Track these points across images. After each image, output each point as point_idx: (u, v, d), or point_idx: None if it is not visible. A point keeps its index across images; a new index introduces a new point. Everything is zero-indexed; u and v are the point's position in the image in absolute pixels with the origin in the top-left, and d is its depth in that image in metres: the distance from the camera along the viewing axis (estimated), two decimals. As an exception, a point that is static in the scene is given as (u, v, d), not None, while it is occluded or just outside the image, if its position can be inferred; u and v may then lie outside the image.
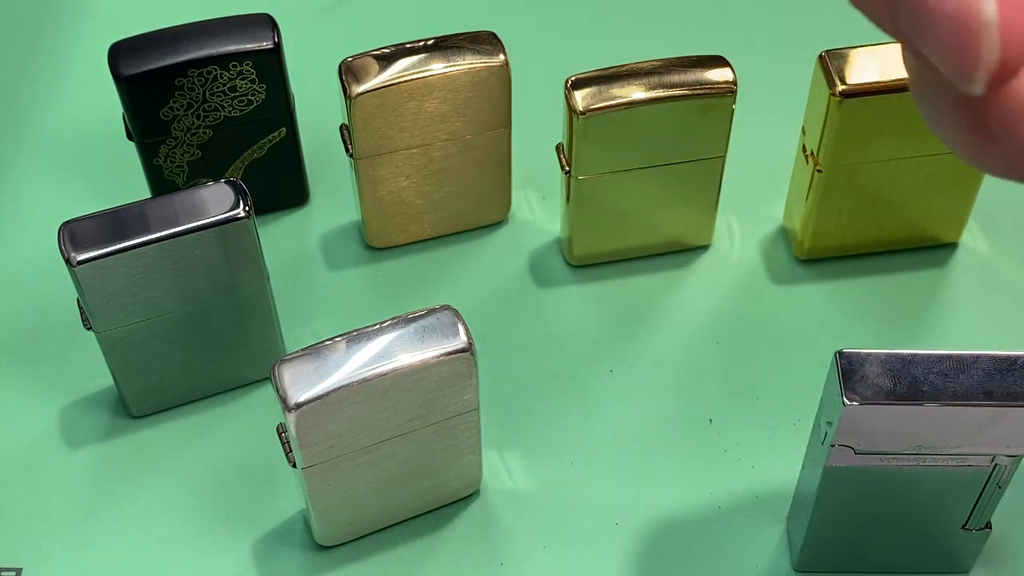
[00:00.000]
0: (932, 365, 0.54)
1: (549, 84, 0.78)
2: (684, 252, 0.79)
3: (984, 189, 0.76)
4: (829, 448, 0.56)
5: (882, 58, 0.70)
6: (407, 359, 0.58)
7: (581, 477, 0.69)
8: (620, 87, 0.70)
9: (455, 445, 0.64)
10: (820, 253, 0.78)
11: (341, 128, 0.74)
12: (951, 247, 0.79)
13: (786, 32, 0.94)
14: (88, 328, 0.66)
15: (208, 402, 0.72)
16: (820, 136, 0.72)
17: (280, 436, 0.60)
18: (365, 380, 0.58)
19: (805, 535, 0.62)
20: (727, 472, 0.69)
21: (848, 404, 0.54)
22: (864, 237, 0.77)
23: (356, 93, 0.71)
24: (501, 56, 0.72)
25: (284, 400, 0.58)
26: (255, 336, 0.71)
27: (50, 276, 0.76)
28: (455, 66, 0.71)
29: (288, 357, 0.59)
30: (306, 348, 0.59)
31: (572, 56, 0.88)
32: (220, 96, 0.74)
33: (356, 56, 0.72)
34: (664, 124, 0.71)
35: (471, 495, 0.68)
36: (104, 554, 0.66)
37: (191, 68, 0.72)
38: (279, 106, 0.76)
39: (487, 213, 0.81)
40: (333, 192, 0.83)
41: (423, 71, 0.71)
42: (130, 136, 0.75)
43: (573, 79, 0.71)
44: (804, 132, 0.74)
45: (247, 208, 0.65)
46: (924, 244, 0.79)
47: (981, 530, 0.61)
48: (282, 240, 0.80)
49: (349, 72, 0.71)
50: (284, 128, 0.77)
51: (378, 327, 0.60)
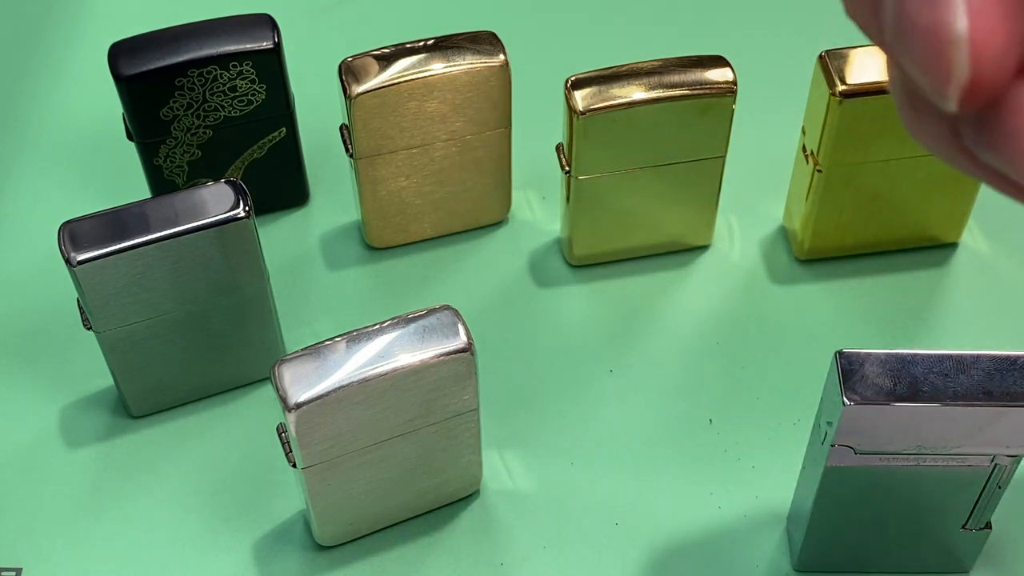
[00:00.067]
0: (932, 365, 0.54)
1: (549, 84, 0.78)
2: (684, 252, 0.79)
3: (984, 189, 0.76)
4: (829, 448, 0.56)
5: (882, 58, 0.70)
6: (407, 359, 0.58)
7: (581, 477, 0.69)
8: (620, 87, 0.70)
9: (455, 445, 0.64)
10: (820, 253, 0.78)
11: (341, 128, 0.74)
12: (951, 247, 0.79)
13: (786, 32, 0.93)
14: (88, 328, 0.66)
15: (208, 402, 0.72)
16: (820, 136, 0.71)
17: (280, 436, 0.60)
18: (365, 380, 0.58)
19: (805, 535, 0.62)
20: (727, 472, 0.69)
21: (848, 404, 0.54)
22: (864, 237, 0.77)
23: (356, 93, 0.71)
24: (501, 56, 0.72)
25: (284, 400, 0.58)
26: (255, 336, 0.71)
27: (50, 276, 0.76)
28: (455, 66, 0.71)
29: (288, 357, 0.59)
30: (306, 348, 0.59)
31: (572, 56, 0.88)
32: (220, 96, 0.74)
33: (356, 56, 0.72)
34: (664, 124, 0.71)
35: (471, 495, 0.68)
36: (104, 554, 0.66)
37: (191, 68, 0.72)
38: (279, 106, 0.76)
39: (487, 213, 0.80)
40: (333, 192, 0.83)
41: (423, 71, 0.71)
42: (130, 136, 0.75)
43: (573, 79, 0.71)
44: (804, 132, 0.74)
45: (247, 208, 0.65)
46: (924, 244, 0.79)
47: (981, 530, 0.61)
48: (282, 240, 0.80)
49: (349, 72, 0.71)
50: (284, 128, 0.77)
51: (378, 327, 0.60)
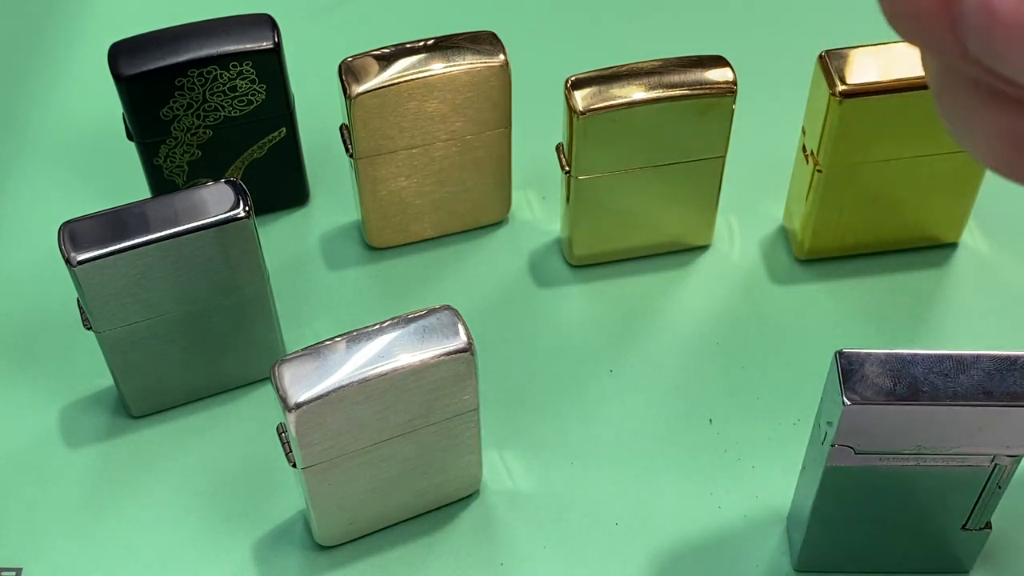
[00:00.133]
0: (932, 365, 0.54)
1: (549, 84, 0.78)
2: (684, 252, 0.79)
3: (984, 189, 0.76)
4: (829, 448, 0.56)
5: (882, 58, 0.70)
6: (407, 359, 0.58)
7: (581, 477, 0.69)
8: (620, 87, 0.70)
9: (455, 445, 0.64)
10: (820, 253, 0.78)
11: (341, 128, 0.74)
12: (951, 247, 0.79)
13: (786, 32, 0.93)
14: (88, 328, 0.66)
15: (208, 402, 0.72)
16: (820, 136, 0.71)
17: (280, 436, 0.60)
18: (365, 380, 0.58)
19: (805, 535, 0.62)
20: (727, 472, 0.69)
21: (848, 404, 0.54)
22: (864, 237, 0.77)
23: (356, 93, 0.71)
24: (501, 56, 0.72)
25: (284, 400, 0.58)
26: (255, 336, 0.71)
27: (50, 276, 0.76)
28: (455, 66, 0.71)
29: (288, 357, 0.59)
30: (306, 348, 0.59)
31: (572, 56, 0.88)
32: (220, 96, 0.74)
33: (356, 56, 0.72)
34: (664, 124, 0.71)
35: (471, 495, 0.68)
36: (104, 554, 0.66)
37: (191, 68, 0.72)
38: (279, 106, 0.76)
39: (487, 213, 0.80)
40: (333, 192, 0.83)
41: (423, 71, 0.71)
42: (130, 136, 0.75)
43: (573, 79, 0.71)
44: (804, 132, 0.74)
45: (247, 208, 0.65)
46: (924, 244, 0.79)
47: (981, 530, 0.61)
48: (282, 240, 0.80)
49: (349, 72, 0.71)
50: (284, 128, 0.77)
51: (378, 327, 0.60)
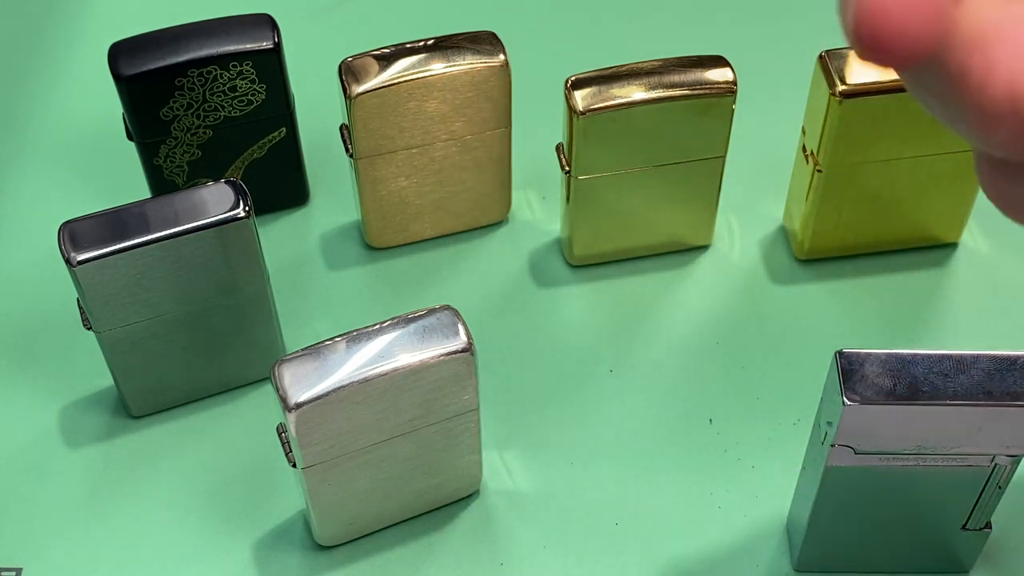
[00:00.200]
0: (932, 365, 0.54)
1: (549, 84, 0.78)
2: (684, 252, 0.79)
3: (984, 189, 0.76)
4: (829, 448, 0.56)
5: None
6: (407, 359, 0.58)
7: (581, 477, 0.69)
8: (620, 87, 0.70)
9: (455, 445, 0.64)
10: (820, 253, 0.78)
11: (341, 128, 0.74)
12: (951, 247, 0.79)
13: (786, 32, 0.93)
14: (88, 328, 0.66)
15: (208, 402, 0.72)
16: (820, 136, 0.71)
17: (280, 436, 0.60)
18: (365, 380, 0.58)
19: (805, 535, 0.62)
20: (727, 472, 0.69)
21: (848, 404, 0.54)
22: (864, 237, 0.77)
23: (356, 93, 0.71)
24: (501, 56, 0.72)
25: (284, 400, 0.58)
26: (255, 336, 0.71)
27: (50, 276, 0.76)
28: (455, 66, 0.71)
29: (288, 357, 0.59)
30: (306, 348, 0.59)
31: (572, 56, 0.88)
32: (220, 96, 0.74)
33: (356, 56, 0.72)
34: (664, 124, 0.71)
35: (471, 495, 0.68)
36: (104, 554, 0.66)
37: (191, 68, 0.72)
38: (279, 106, 0.76)
39: (487, 213, 0.80)
40: (333, 192, 0.83)
41: (423, 71, 0.71)
42: (130, 136, 0.75)
43: (573, 79, 0.71)
44: (804, 132, 0.74)
45: (247, 208, 0.65)
46: (924, 244, 0.79)
47: (981, 530, 0.61)
48: (282, 240, 0.80)
49: (349, 72, 0.71)
50: (284, 128, 0.77)
51: (378, 327, 0.60)
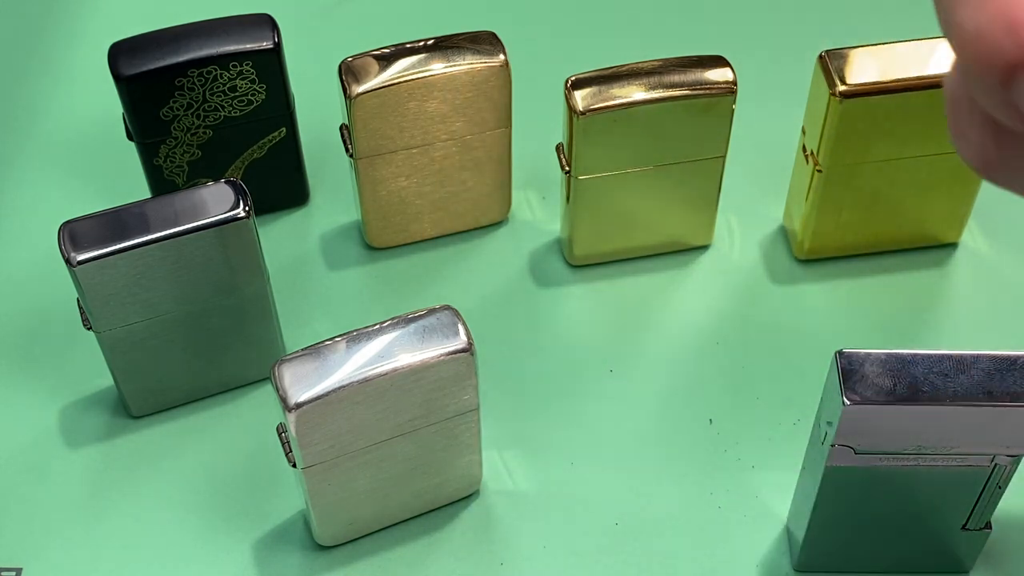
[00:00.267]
0: (932, 365, 0.54)
1: (549, 84, 0.78)
2: (684, 252, 0.79)
3: (984, 189, 0.76)
4: (829, 448, 0.56)
5: (882, 58, 0.70)
6: (407, 359, 0.58)
7: (581, 477, 0.69)
8: (620, 87, 0.70)
9: (455, 445, 0.64)
10: (820, 253, 0.78)
11: (341, 128, 0.74)
12: (951, 247, 0.79)
13: (786, 32, 0.93)
14: (88, 328, 0.66)
15: (208, 402, 0.72)
16: (820, 136, 0.71)
17: (280, 436, 0.60)
18: (365, 380, 0.58)
19: (805, 535, 0.62)
20: (727, 472, 0.69)
21: (848, 404, 0.54)
22: (864, 237, 0.77)
23: (356, 93, 0.71)
24: (501, 56, 0.72)
25: (284, 400, 0.58)
26: (255, 336, 0.71)
27: (50, 276, 0.76)
28: (455, 66, 0.71)
29: (288, 357, 0.59)
30: (306, 348, 0.59)
31: (572, 56, 0.88)
32: (220, 96, 0.74)
33: (356, 56, 0.72)
34: (664, 124, 0.71)
35: (471, 495, 0.68)
36: (104, 554, 0.66)
37: (191, 68, 0.72)
38: (279, 106, 0.76)
39: (487, 213, 0.80)
40: (333, 192, 0.83)
41: (423, 71, 0.71)
42: (130, 136, 0.75)
43: (573, 79, 0.71)
44: (804, 132, 0.74)
45: (247, 208, 0.65)
46: (924, 244, 0.79)
47: (981, 530, 0.61)
48: (282, 240, 0.80)
49: (349, 72, 0.71)
50: (284, 128, 0.77)
51: (378, 327, 0.60)
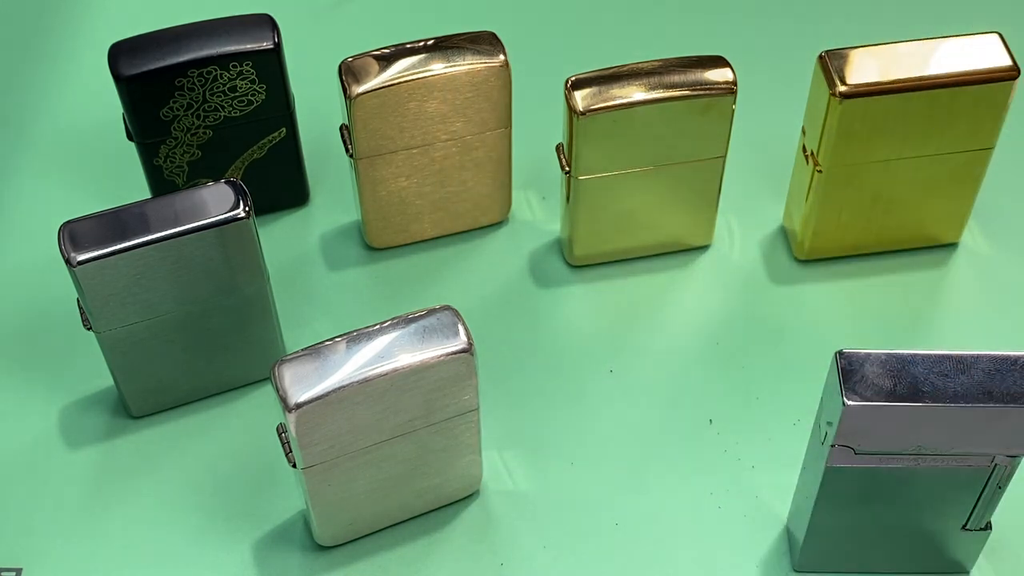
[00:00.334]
0: (932, 365, 0.54)
1: (549, 84, 0.78)
2: (684, 252, 0.79)
3: (984, 189, 0.76)
4: (829, 448, 0.56)
5: (882, 58, 0.70)
6: (407, 359, 0.58)
7: (581, 477, 0.69)
8: (620, 87, 0.70)
9: (455, 445, 0.64)
10: (820, 253, 0.78)
11: (341, 128, 0.74)
12: (951, 247, 0.79)
13: (786, 32, 0.93)
14: (88, 328, 0.66)
15: (208, 402, 0.72)
16: (820, 136, 0.71)
17: (280, 436, 0.60)
18: (365, 380, 0.58)
19: (805, 535, 0.62)
20: (727, 472, 0.69)
21: (848, 404, 0.54)
22: (864, 237, 0.77)
23: (356, 93, 0.71)
24: (501, 56, 0.72)
25: (284, 400, 0.58)
26: (255, 336, 0.71)
27: (50, 276, 0.76)
28: (455, 66, 0.71)
29: (288, 357, 0.59)
30: (306, 348, 0.59)
31: (572, 56, 0.88)
32: (220, 96, 0.74)
33: (356, 56, 0.72)
34: (664, 124, 0.71)
35: (471, 495, 0.68)
36: (104, 554, 0.66)
37: (191, 68, 0.72)
38: (279, 106, 0.76)
39: (487, 213, 0.80)
40: (333, 192, 0.83)
41: (423, 71, 0.71)
42: (130, 136, 0.75)
43: (573, 79, 0.71)
44: (804, 132, 0.74)
45: (247, 208, 0.65)
46: (924, 244, 0.79)
47: (981, 530, 0.61)
48: (282, 240, 0.80)
49: (349, 72, 0.71)
50: (284, 128, 0.77)
51: (378, 327, 0.60)
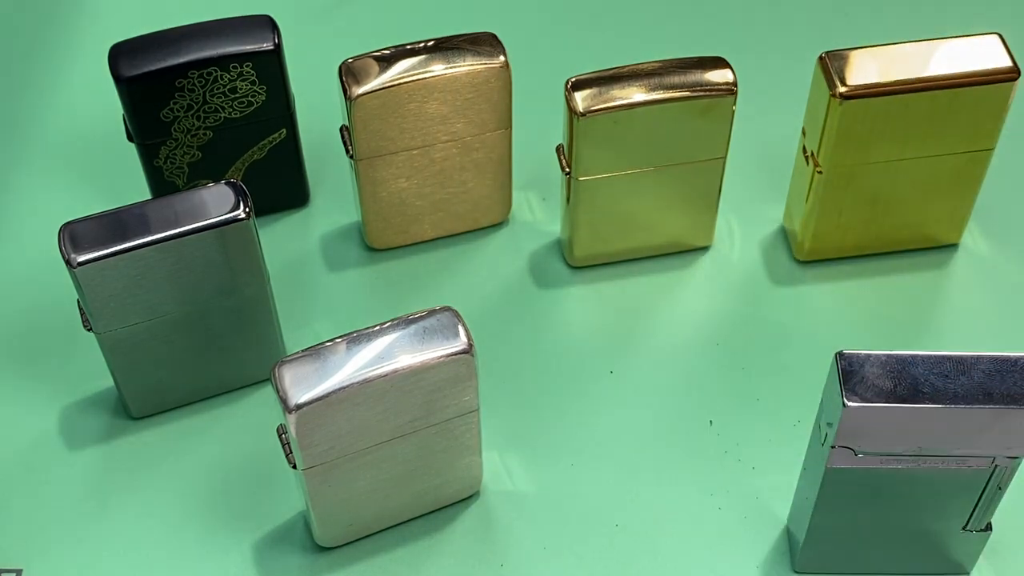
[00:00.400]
0: (932, 366, 0.54)
1: (549, 85, 0.78)
2: (684, 253, 0.79)
3: (984, 190, 0.76)
4: (829, 449, 0.56)
5: (882, 59, 0.70)
6: (407, 360, 0.58)
7: (581, 478, 0.69)
8: (620, 88, 0.70)
9: (455, 446, 0.64)
10: (820, 254, 0.78)
11: (341, 129, 0.74)
12: (951, 248, 0.79)
13: (786, 32, 0.93)
14: (88, 329, 0.66)
15: (208, 403, 0.72)
16: (820, 137, 0.71)
17: (280, 437, 0.60)
18: (365, 381, 0.58)
19: (805, 536, 0.62)
20: (727, 472, 0.69)
21: (848, 405, 0.54)
22: (864, 238, 0.77)
23: (356, 94, 0.71)
24: (501, 57, 0.72)
25: (284, 401, 0.58)
26: (255, 337, 0.71)
27: (50, 277, 0.76)
28: (455, 67, 0.71)
29: (288, 358, 0.59)
30: (306, 349, 0.59)
31: (572, 57, 0.88)
32: (220, 97, 0.74)
33: (356, 57, 0.72)
34: (664, 125, 0.71)
35: (471, 496, 0.68)
36: (104, 554, 0.66)
37: (191, 69, 0.72)
38: (279, 107, 0.76)
39: (487, 214, 0.80)
40: (333, 193, 0.83)
41: (423, 72, 0.71)
42: (130, 137, 0.75)
43: (573, 80, 0.71)
44: (804, 133, 0.74)
45: (247, 209, 0.65)
46: (924, 245, 0.79)
47: (981, 531, 0.61)
48: (282, 241, 0.80)
49: (349, 73, 0.71)
50: (284, 129, 0.77)
51: (378, 328, 0.60)
